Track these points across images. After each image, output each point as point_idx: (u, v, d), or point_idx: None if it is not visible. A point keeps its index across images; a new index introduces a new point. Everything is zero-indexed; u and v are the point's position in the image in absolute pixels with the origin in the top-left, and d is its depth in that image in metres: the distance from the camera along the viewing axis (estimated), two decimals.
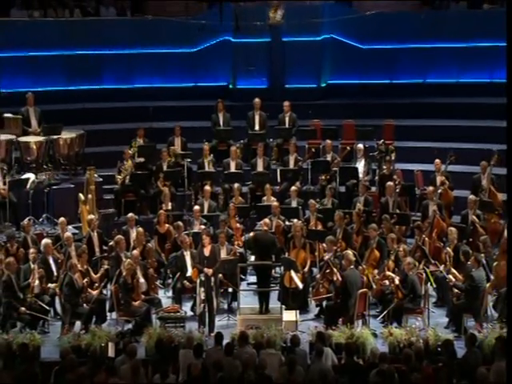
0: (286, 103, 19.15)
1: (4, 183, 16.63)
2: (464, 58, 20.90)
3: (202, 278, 14.10)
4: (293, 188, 17.12)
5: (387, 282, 14.27)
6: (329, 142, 18.29)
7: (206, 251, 14.86)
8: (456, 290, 13.96)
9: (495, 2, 21.53)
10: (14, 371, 11.26)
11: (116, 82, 21.20)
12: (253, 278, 15.44)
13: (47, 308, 14.11)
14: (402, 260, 14.25)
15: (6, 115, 18.26)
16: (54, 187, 17.35)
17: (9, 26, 20.47)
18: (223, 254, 15.09)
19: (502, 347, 11.45)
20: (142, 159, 18.07)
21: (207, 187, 17.05)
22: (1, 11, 20.75)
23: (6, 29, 20.31)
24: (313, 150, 18.42)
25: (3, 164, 17.00)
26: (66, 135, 18.08)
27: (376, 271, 14.70)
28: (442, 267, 14.44)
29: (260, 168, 18.07)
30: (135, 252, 14.59)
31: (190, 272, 14.84)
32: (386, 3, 21.60)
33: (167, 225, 16.12)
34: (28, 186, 16.91)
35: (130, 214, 16.12)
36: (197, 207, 16.46)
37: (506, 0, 20.65)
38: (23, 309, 13.74)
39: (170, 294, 15.03)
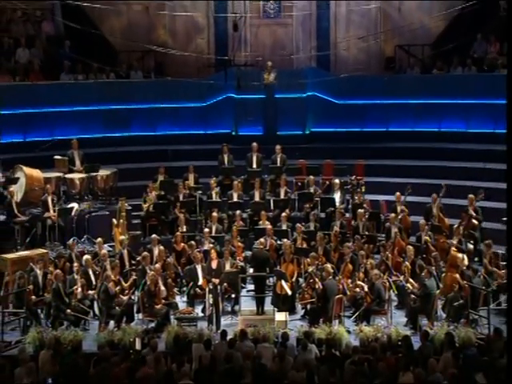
0: (278, 146, 19.17)
1: (54, 211, 16.68)
2: (418, 112, 20.91)
3: (211, 287, 14.16)
4: (283, 214, 17.13)
5: (358, 289, 14.30)
6: (312, 177, 18.30)
7: (214, 265, 14.97)
8: (413, 296, 14.00)
9: (442, 69, 21.66)
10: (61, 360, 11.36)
11: (142, 130, 21.20)
12: (251, 286, 15.45)
13: (88, 310, 14.14)
14: (370, 272, 14.29)
15: (56, 157, 18.36)
16: (93, 214, 17.39)
17: (59, 87, 20.56)
18: (227, 267, 15.11)
19: (449, 341, 11.56)
20: (162, 192, 18.13)
21: (214, 214, 17.05)
22: (52, 76, 20.93)
23: (56, 89, 20.41)
24: (299, 183, 18.45)
25: (53, 195, 17.01)
26: (103, 172, 18.17)
27: (349, 281, 14.70)
28: (401, 277, 14.53)
29: (257, 198, 18.08)
30: (157, 265, 14.64)
31: (200, 281, 14.85)
32: (356, 68, 21.86)
33: (183, 244, 16.11)
34: (73, 213, 16.95)
35: (153, 235, 16.12)
36: (206, 230, 16.47)
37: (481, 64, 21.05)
38: (69, 311, 13.79)
39: (184, 299, 15.00)
